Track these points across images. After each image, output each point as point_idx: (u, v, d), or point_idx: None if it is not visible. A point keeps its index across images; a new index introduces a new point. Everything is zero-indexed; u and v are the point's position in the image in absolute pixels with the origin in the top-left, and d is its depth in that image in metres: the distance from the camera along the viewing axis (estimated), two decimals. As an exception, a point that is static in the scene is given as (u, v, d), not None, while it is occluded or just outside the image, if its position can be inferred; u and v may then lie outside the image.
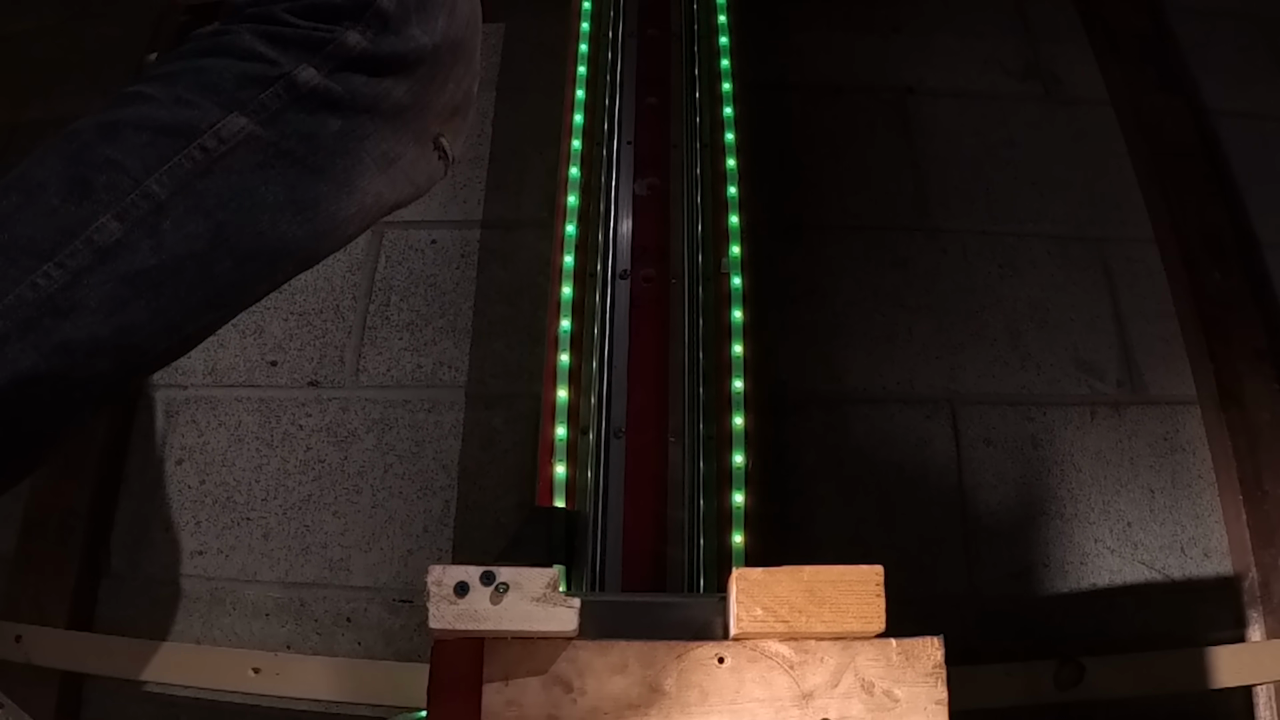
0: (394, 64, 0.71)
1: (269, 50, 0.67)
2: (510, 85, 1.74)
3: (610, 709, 0.91)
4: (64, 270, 0.60)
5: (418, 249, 1.61)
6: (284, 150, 0.67)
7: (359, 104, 0.70)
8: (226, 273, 0.66)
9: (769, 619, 0.93)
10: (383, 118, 0.72)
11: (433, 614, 0.93)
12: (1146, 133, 1.69)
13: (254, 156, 0.66)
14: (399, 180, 0.76)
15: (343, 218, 0.72)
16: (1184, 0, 1.88)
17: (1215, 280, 1.56)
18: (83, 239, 0.60)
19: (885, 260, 1.59)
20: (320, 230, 0.71)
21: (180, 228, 0.63)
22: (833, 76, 1.75)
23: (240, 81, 0.66)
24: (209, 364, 1.56)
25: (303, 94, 0.67)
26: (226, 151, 0.65)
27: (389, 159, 0.74)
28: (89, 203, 0.61)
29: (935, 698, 0.90)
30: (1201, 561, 1.43)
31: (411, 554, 1.40)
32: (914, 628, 0.93)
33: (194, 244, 0.64)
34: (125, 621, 1.42)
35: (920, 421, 1.48)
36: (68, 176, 0.62)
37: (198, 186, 0.64)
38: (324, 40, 0.68)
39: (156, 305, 0.63)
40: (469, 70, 0.80)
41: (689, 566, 1.19)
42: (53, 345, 0.59)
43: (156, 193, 0.63)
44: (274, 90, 0.66)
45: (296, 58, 0.67)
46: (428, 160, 0.79)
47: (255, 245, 0.67)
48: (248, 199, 0.66)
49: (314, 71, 0.67)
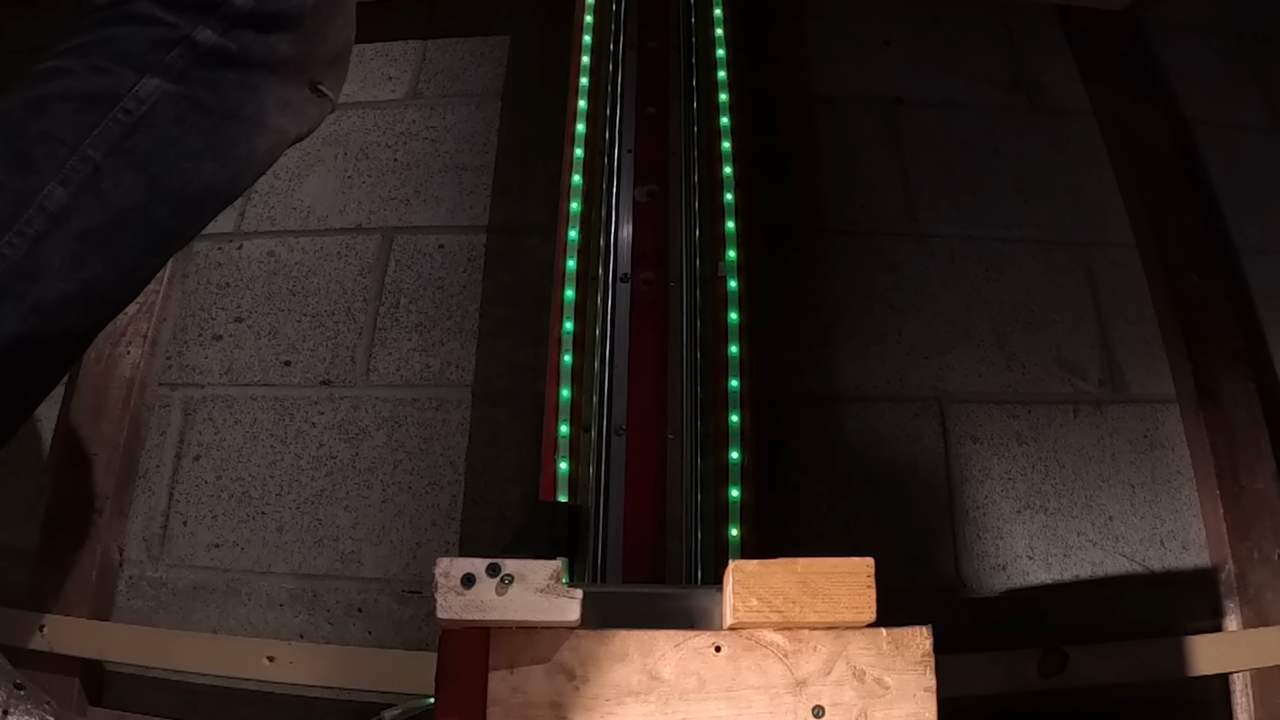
0: (279, 20, 0.76)
1: (167, 15, 0.71)
2: (515, 96, 1.74)
3: (611, 696, 0.91)
4: (24, 238, 0.63)
5: (426, 253, 1.61)
6: (197, 102, 0.72)
7: (252, 58, 0.75)
8: (164, 219, 0.71)
9: (764, 609, 0.93)
10: (274, 68, 0.77)
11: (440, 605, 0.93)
12: (1127, 142, 1.69)
13: (171, 111, 0.71)
14: (299, 118, 0.82)
15: (257, 155, 0.78)
16: (1164, 14, 1.88)
17: (1193, 283, 1.56)
18: (35, 207, 0.64)
19: (876, 264, 1.59)
20: (239, 170, 0.77)
21: (118, 185, 0.68)
22: (825, 87, 1.75)
23: (148, 46, 0.71)
24: (225, 364, 1.56)
25: (203, 52, 0.72)
26: (147, 110, 0.69)
27: (285, 102, 0.79)
28: (33, 174, 0.65)
29: (924, 685, 0.90)
30: (1180, 554, 1.43)
31: (420, 547, 1.40)
32: (903, 617, 0.93)
33: (133, 197, 0.68)
34: (144, 612, 1.42)
35: (909, 419, 1.48)
36: (8, 153, 0.65)
37: (127, 145, 0.68)
38: (216, 3, 0.73)
39: (110, 257, 0.67)
40: (347, 21, 0.86)
41: (687, 559, 1.19)
42: (29, 308, 0.63)
43: (92, 156, 0.67)
44: (178, 51, 0.71)
45: (193, 20, 0.72)
46: (314, 103, 0.85)
47: (185, 190, 0.72)
48: (173, 150, 0.71)
49: (210, 31, 0.72)
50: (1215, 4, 1.93)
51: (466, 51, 1.81)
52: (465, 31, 1.82)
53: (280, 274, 1.62)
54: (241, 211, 1.68)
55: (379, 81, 1.79)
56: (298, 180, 1.71)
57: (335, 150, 1.73)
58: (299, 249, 1.64)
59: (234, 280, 1.63)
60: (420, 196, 1.66)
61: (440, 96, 1.76)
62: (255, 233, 1.67)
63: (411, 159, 1.70)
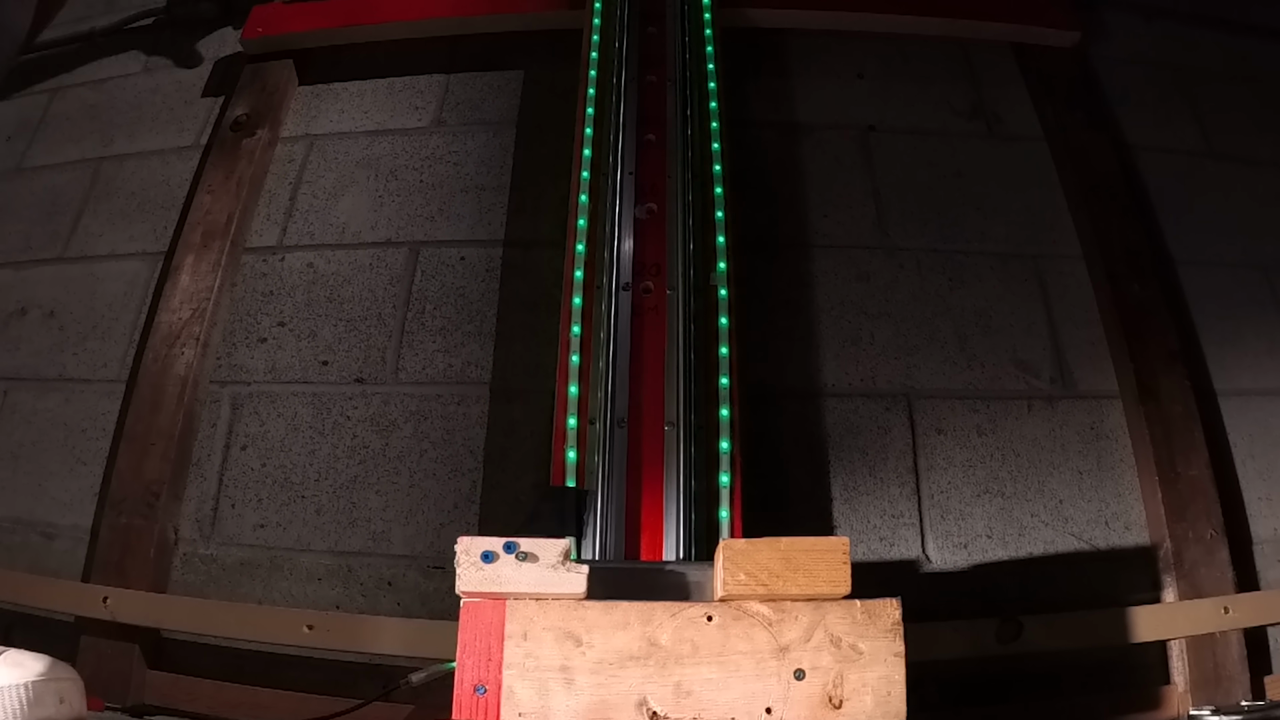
0: None
1: None
2: (528, 124, 1.74)
3: (614, 660, 0.91)
4: None
5: (449, 264, 1.61)
6: None
7: None
8: None
9: (751, 583, 0.93)
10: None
11: (462, 578, 0.93)
12: (1075, 165, 1.69)
13: None
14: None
15: None
16: (1108, 51, 1.88)
17: (1135, 292, 1.56)
18: None
19: (850, 274, 1.59)
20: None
21: None
22: (806, 116, 1.75)
23: None
24: (269, 364, 1.56)
25: None
26: None
27: None
28: None
29: (894, 650, 0.90)
30: (1123, 533, 1.43)
31: (444, 527, 1.40)
32: (876, 590, 0.93)
33: None
34: (197, 585, 1.42)
35: (881, 413, 1.48)
36: None
37: None
38: None
39: None
40: None
41: (682, 538, 1.19)
42: None
43: None
44: None
45: None
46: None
47: None
48: None
49: None
50: (1154, 41, 1.93)
51: (485, 84, 1.80)
52: (484, 66, 1.82)
53: (318, 283, 1.62)
54: (284, 227, 1.68)
55: (407, 111, 1.79)
56: (334, 199, 1.70)
57: (368, 172, 1.73)
58: (335, 260, 1.64)
59: (277, 289, 1.63)
60: (444, 214, 1.66)
61: (461, 124, 1.76)
62: (296, 246, 1.66)
63: (436, 180, 1.70)
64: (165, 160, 1.81)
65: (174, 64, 1.96)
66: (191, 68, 1.94)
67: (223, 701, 1.31)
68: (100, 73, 1.98)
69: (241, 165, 1.72)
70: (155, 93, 1.92)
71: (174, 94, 1.91)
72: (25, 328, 1.68)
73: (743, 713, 0.89)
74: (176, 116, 1.87)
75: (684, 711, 0.89)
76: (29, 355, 1.66)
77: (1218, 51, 1.94)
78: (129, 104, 1.92)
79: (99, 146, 1.87)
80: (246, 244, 1.68)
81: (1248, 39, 1.97)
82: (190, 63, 1.95)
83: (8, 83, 2.03)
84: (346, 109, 1.81)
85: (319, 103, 1.83)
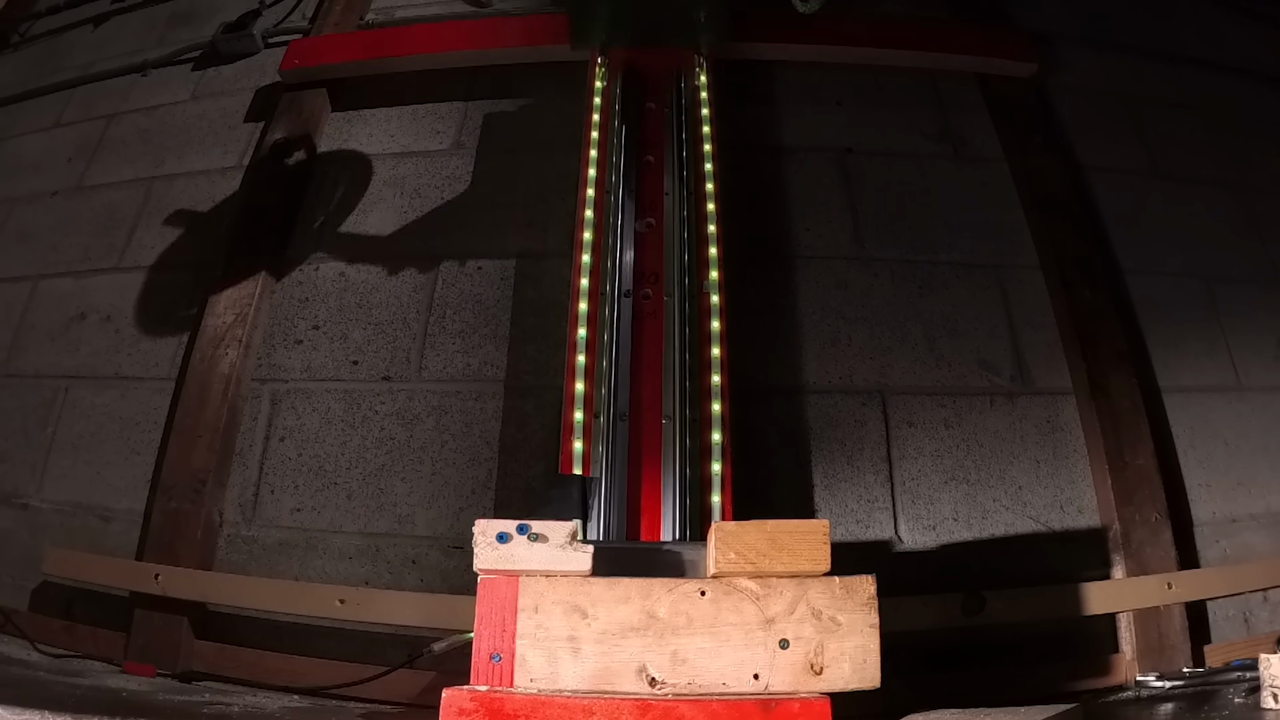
0: None
1: None
2: (539, 146, 1.73)
3: (616, 631, 0.91)
4: None
5: (467, 274, 1.61)
6: None
7: None
8: None
9: (740, 561, 0.93)
10: None
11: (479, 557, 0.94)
12: (1033, 183, 1.69)
13: None
14: None
15: None
16: (1063, 81, 1.88)
17: (1087, 298, 1.56)
18: None
19: (830, 282, 1.59)
20: None
21: None
22: (790, 139, 1.75)
23: None
24: (305, 363, 1.56)
25: None
26: None
27: None
28: None
29: (869, 622, 0.90)
30: (1076, 516, 1.43)
31: (463, 511, 1.40)
32: (853, 568, 0.93)
33: None
34: (239, 563, 1.42)
35: (858, 408, 1.48)
36: None
37: None
38: None
39: None
40: None
41: (678, 520, 1.19)
42: None
43: None
44: None
45: None
46: None
47: None
48: None
49: None
50: (1105, 72, 1.93)
51: (500, 111, 1.80)
52: (498, 95, 1.82)
53: (349, 291, 1.62)
54: (318, 241, 1.68)
55: (429, 135, 1.79)
56: (363, 215, 1.70)
57: (394, 190, 1.72)
58: (365, 270, 1.64)
59: (312, 296, 1.63)
60: (463, 228, 1.66)
61: (478, 147, 1.76)
62: (329, 257, 1.66)
63: (455, 197, 1.70)
64: (211, 179, 1.81)
65: (219, 93, 1.96)
66: (234, 96, 1.94)
67: (263, 668, 1.32)
68: (152, 99, 1.98)
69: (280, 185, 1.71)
70: (202, 118, 1.92)
71: (219, 119, 1.91)
72: (85, 331, 1.68)
73: (733, 679, 0.89)
74: (221, 140, 1.87)
75: (680, 677, 0.89)
76: (88, 355, 1.66)
77: (1161, 81, 1.94)
78: (178, 128, 1.92)
79: (151, 167, 1.87)
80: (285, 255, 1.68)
81: (1187, 69, 1.97)
82: (233, 91, 1.95)
83: (68, 110, 2.04)
84: (375, 133, 1.81)
85: (350, 127, 1.83)
